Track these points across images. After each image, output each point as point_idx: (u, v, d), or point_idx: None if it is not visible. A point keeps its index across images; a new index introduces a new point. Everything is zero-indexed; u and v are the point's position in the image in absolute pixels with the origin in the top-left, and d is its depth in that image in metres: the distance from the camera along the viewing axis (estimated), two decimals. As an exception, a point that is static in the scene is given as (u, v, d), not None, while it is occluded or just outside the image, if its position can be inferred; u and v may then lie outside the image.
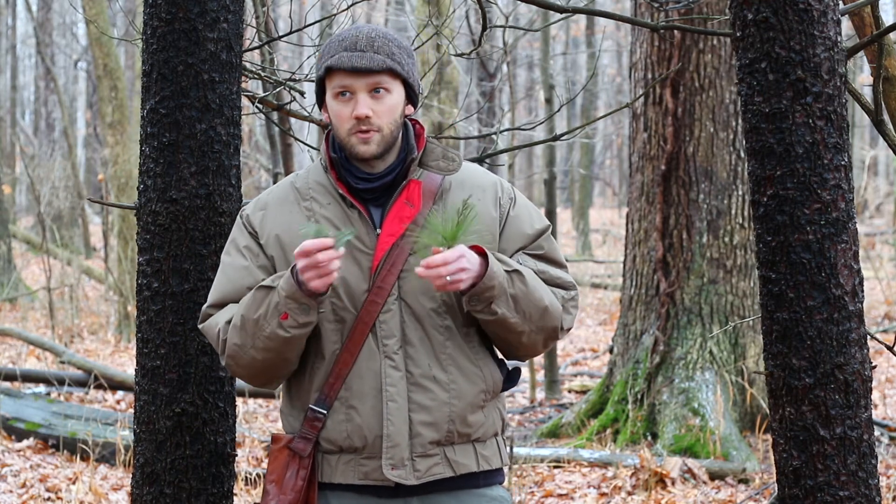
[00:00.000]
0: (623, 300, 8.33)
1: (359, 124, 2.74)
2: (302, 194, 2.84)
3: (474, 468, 2.80)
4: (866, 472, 2.72)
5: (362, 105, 2.74)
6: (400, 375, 2.74)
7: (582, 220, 23.47)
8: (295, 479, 2.78)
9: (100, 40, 13.28)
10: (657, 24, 4.04)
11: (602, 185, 39.04)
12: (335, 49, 2.76)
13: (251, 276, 2.80)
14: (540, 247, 2.87)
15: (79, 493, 6.45)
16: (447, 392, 2.76)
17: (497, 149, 5.11)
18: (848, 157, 2.72)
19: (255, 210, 2.86)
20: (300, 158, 17.03)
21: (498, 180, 2.90)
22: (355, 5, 4.57)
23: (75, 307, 14.25)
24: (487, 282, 2.67)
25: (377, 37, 2.76)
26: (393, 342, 2.75)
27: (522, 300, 2.74)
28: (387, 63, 2.74)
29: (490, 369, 2.82)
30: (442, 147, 2.86)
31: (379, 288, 2.74)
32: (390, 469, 2.73)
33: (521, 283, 2.74)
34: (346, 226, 2.77)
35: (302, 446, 2.78)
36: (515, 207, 2.87)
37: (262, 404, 9.54)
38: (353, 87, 2.74)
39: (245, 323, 2.73)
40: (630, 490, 6.67)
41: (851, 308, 2.70)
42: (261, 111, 4.43)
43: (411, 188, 2.79)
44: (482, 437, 2.82)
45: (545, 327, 2.80)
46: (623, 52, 27.42)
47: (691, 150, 7.93)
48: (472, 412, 2.78)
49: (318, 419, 2.76)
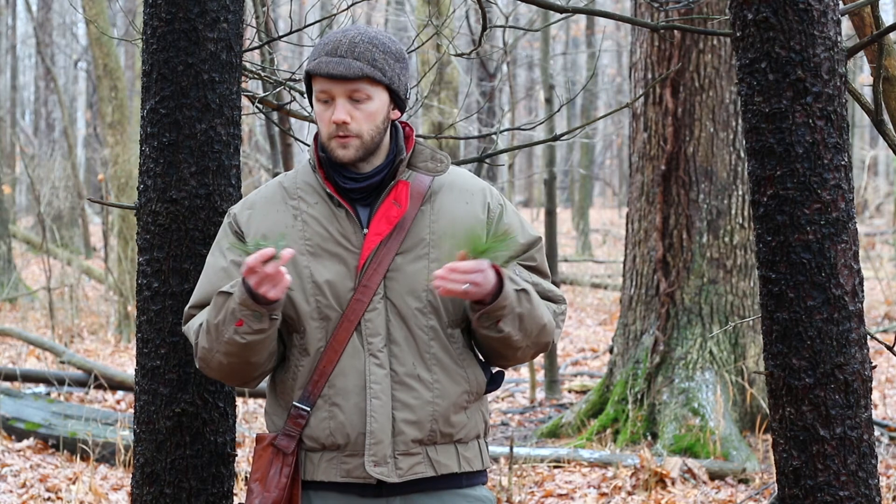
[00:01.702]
0: (623, 300, 8.33)
1: (337, 129, 2.76)
2: (289, 193, 2.86)
3: (455, 469, 2.82)
4: (866, 472, 2.72)
5: (340, 111, 2.75)
6: (384, 373, 2.75)
7: (582, 220, 23.48)
8: (279, 477, 2.78)
9: (100, 40, 13.28)
10: (657, 24, 4.04)
11: (602, 185, 39.04)
12: (318, 53, 2.78)
13: (228, 278, 2.80)
14: (532, 258, 2.90)
15: (79, 493, 6.45)
16: (431, 391, 2.77)
17: (497, 149, 5.11)
18: (848, 157, 2.72)
19: (242, 209, 2.88)
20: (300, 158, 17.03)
21: (487, 186, 2.92)
22: (355, 5, 4.57)
23: (75, 307, 14.26)
24: (501, 301, 2.69)
25: (361, 42, 2.76)
26: (378, 340, 2.76)
27: (527, 318, 2.76)
28: (364, 70, 2.74)
29: (474, 371, 2.84)
30: (430, 148, 2.88)
31: (364, 287, 2.75)
32: (373, 466, 2.74)
33: (528, 302, 2.76)
34: (333, 224, 2.79)
35: (286, 443, 2.78)
36: (507, 215, 2.89)
37: (262, 404, 9.54)
38: (332, 93, 2.76)
39: (209, 327, 2.75)
40: (630, 490, 6.67)
41: (851, 308, 2.70)
42: (261, 111, 4.43)
43: (399, 189, 2.80)
44: (464, 439, 2.83)
45: (540, 343, 2.84)
46: (623, 52, 27.42)
47: (691, 150, 7.93)
48: (455, 412, 2.80)
49: (301, 416, 2.77)
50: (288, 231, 2.80)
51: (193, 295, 2.88)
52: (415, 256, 2.79)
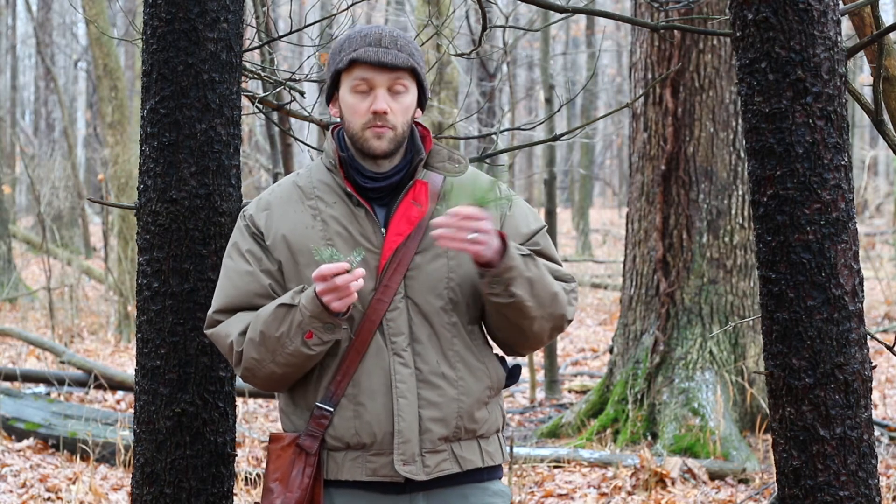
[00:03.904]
0: (623, 300, 8.33)
1: (375, 119, 2.76)
2: (306, 193, 2.85)
3: (479, 464, 2.83)
4: (866, 472, 2.72)
5: (381, 100, 2.76)
6: (409, 372, 2.76)
7: (582, 220, 23.48)
8: (301, 477, 2.79)
9: (100, 40, 13.28)
10: (657, 24, 4.04)
11: (602, 185, 39.04)
12: (358, 44, 2.78)
13: (257, 282, 2.80)
14: (536, 243, 2.90)
15: (79, 493, 6.45)
16: (455, 389, 2.78)
17: (497, 149, 5.11)
18: (848, 157, 2.72)
19: (258, 210, 2.86)
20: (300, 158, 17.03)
21: (497, 182, 2.92)
22: (355, 5, 4.57)
23: (75, 307, 14.26)
24: (508, 261, 2.69)
25: (399, 36, 2.80)
26: (401, 339, 2.77)
27: (537, 283, 2.76)
28: (410, 62, 2.78)
29: (494, 366, 2.86)
30: (448, 149, 2.89)
31: (385, 287, 2.76)
32: (402, 465, 2.75)
33: (535, 267, 2.77)
34: (353, 224, 2.79)
35: (309, 444, 2.78)
36: (513, 208, 2.90)
37: (262, 404, 9.54)
38: (374, 82, 2.76)
39: (265, 339, 2.73)
40: (630, 490, 6.67)
41: (851, 308, 2.70)
42: (261, 111, 4.43)
43: (418, 188, 2.81)
44: (486, 434, 2.85)
45: (554, 314, 2.82)
46: (623, 52, 27.42)
47: (691, 150, 7.93)
48: (479, 408, 2.81)
49: (324, 417, 2.77)
50: (309, 231, 2.79)
51: (216, 299, 2.85)
52: (433, 255, 2.80)
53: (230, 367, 3.37)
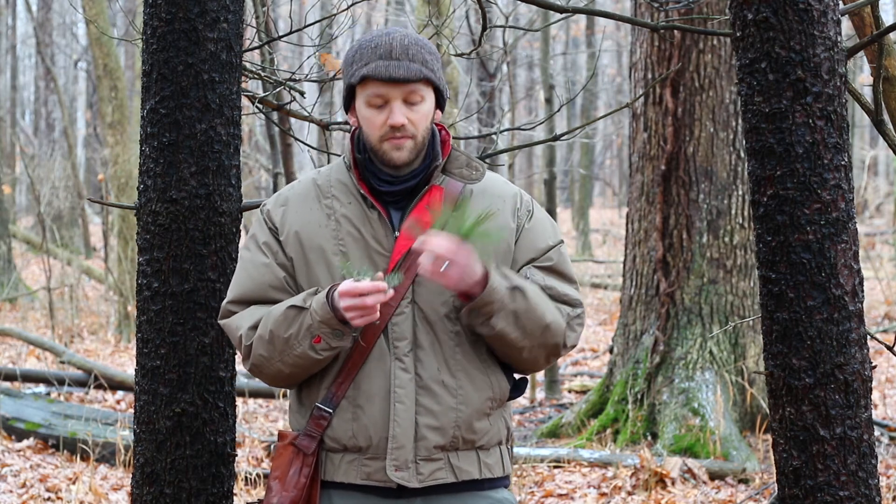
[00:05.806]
0: (623, 300, 8.33)
1: (393, 132, 2.74)
2: (323, 192, 2.84)
3: (476, 475, 2.80)
4: (866, 472, 2.72)
5: (398, 114, 2.73)
6: (409, 378, 2.74)
7: (582, 220, 23.48)
8: (298, 477, 2.78)
9: (100, 40, 13.28)
10: (657, 24, 4.04)
11: (602, 185, 39.04)
12: (369, 57, 2.74)
13: (272, 274, 2.80)
14: (549, 258, 2.86)
15: (79, 493, 6.45)
16: (454, 397, 2.76)
17: (497, 149, 5.11)
18: (848, 157, 2.72)
19: (275, 206, 2.86)
20: (300, 158, 17.03)
21: (518, 192, 2.89)
22: (355, 5, 4.57)
23: (75, 307, 14.26)
24: (487, 297, 2.68)
25: (411, 44, 2.75)
26: (404, 344, 2.75)
27: (524, 316, 2.73)
28: (423, 72, 2.74)
29: (497, 377, 2.82)
30: (466, 155, 2.86)
31: (393, 290, 2.75)
32: (394, 470, 2.73)
33: (523, 299, 2.73)
34: (365, 226, 2.78)
35: (306, 444, 2.78)
36: (531, 220, 2.87)
37: (262, 404, 9.54)
38: (388, 96, 2.74)
39: (274, 339, 2.73)
40: (630, 490, 6.67)
41: (851, 308, 2.70)
42: (261, 111, 4.43)
43: (433, 194, 2.79)
44: (486, 445, 2.82)
45: (546, 344, 2.79)
46: (623, 52, 27.42)
47: (691, 150, 7.93)
48: (478, 419, 2.78)
49: (323, 417, 2.77)
50: (321, 230, 2.78)
51: (231, 290, 2.85)
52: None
53: (230, 367, 3.38)
